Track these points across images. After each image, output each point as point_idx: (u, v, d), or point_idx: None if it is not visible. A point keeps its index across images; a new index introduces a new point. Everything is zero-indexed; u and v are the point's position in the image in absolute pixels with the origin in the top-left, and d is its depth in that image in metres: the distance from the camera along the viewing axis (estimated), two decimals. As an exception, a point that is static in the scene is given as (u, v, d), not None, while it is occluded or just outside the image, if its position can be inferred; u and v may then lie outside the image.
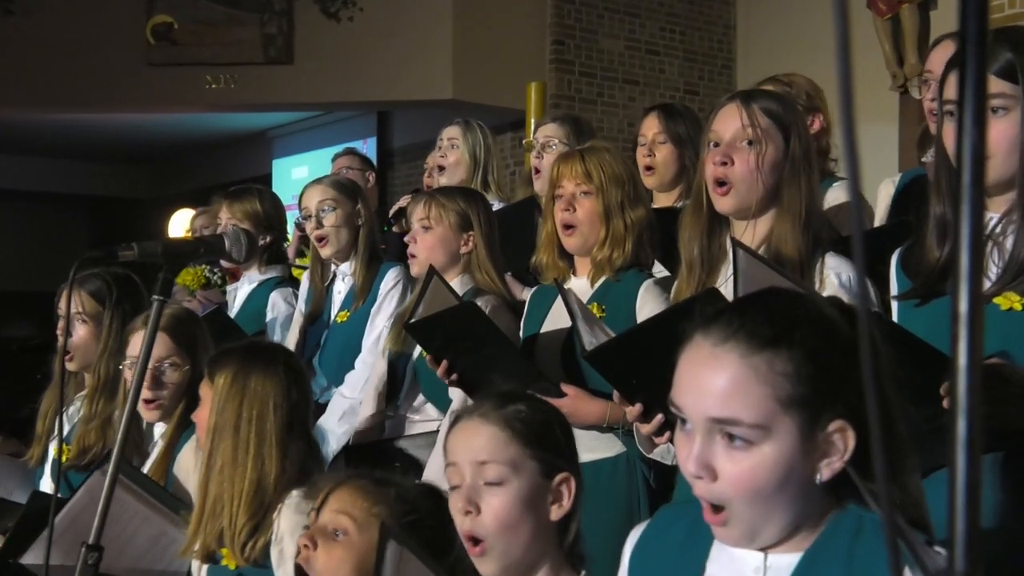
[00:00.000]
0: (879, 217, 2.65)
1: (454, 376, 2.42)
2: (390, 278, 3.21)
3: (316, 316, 3.32)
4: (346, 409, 3.06)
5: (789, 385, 1.09)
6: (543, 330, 2.50)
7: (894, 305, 1.76)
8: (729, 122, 2.00)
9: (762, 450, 1.09)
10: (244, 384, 2.09)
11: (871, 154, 4.99)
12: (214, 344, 2.51)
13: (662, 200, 3.09)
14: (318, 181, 3.36)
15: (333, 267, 3.32)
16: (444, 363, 2.41)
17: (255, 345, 2.24)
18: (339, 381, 3.16)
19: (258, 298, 3.61)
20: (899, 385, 1.05)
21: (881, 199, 2.67)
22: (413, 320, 2.45)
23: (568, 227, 2.44)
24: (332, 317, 3.28)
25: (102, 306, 2.88)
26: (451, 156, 3.75)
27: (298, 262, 4.02)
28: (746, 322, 1.12)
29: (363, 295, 3.21)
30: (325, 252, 3.26)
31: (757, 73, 5.36)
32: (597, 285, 2.44)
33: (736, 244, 1.80)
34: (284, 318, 3.53)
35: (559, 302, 2.50)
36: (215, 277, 4.16)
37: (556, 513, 1.53)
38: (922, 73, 2.66)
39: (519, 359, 2.36)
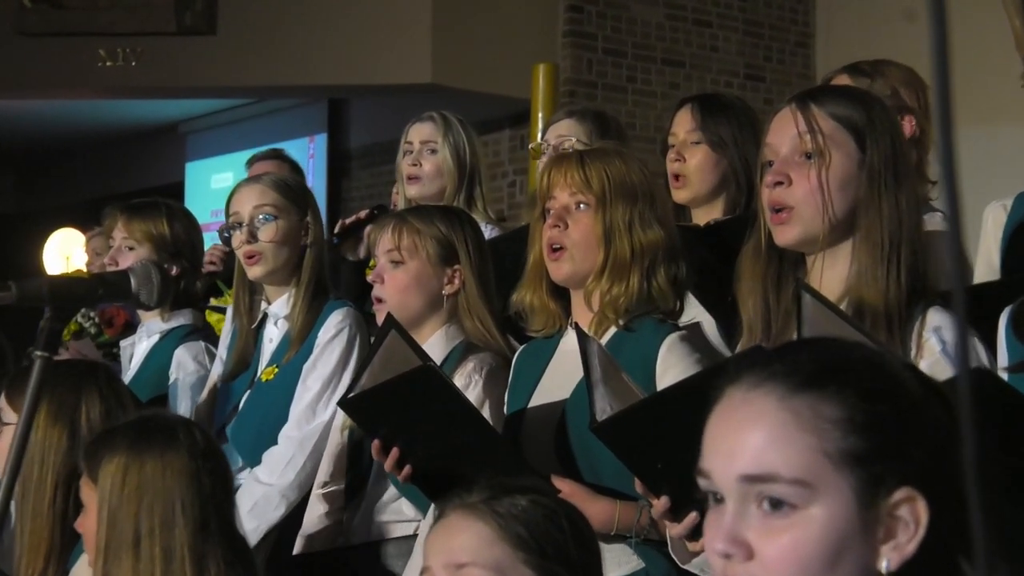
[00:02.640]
0: (983, 254, 2.65)
1: (407, 470, 2.42)
2: (332, 323, 3.21)
3: (239, 370, 3.34)
4: (259, 499, 3.08)
5: (839, 434, 1.13)
6: (532, 404, 2.50)
7: (1004, 379, 1.80)
8: (784, 131, 2.04)
9: (807, 515, 1.13)
10: (138, 481, 2.10)
11: (994, 163, 5.02)
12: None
13: (699, 217, 3.11)
14: (256, 179, 3.38)
15: (264, 304, 3.34)
16: (394, 452, 2.41)
17: (147, 422, 2.24)
18: (255, 459, 3.19)
19: (161, 355, 3.62)
20: (1002, 468, 1.12)
21: (988, 229, 2.66)
22: (351, 394, 2.45)
23: (556, 249, 2.46)
24: (256, 374, 3.30)
25: None
26: (427, 164, 3.78)
27: (214, 302, 4.02)
28: (786, 361, 1.18)
29: (299, 343, 3.22)
30: (254, 272, 3.27)
31: (843, 52, 5.36)
32: (603, 340, 2.42)
33: (801, 287, 1.84)
34: (194, 382, 3.55)
35: (557, 363, 2.51)
36: (88, 324, 4.14)
37: None
38: None
39: (494, 444, 2.36)
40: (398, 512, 2.86)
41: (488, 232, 3.59)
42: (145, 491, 2.10)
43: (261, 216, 3.25)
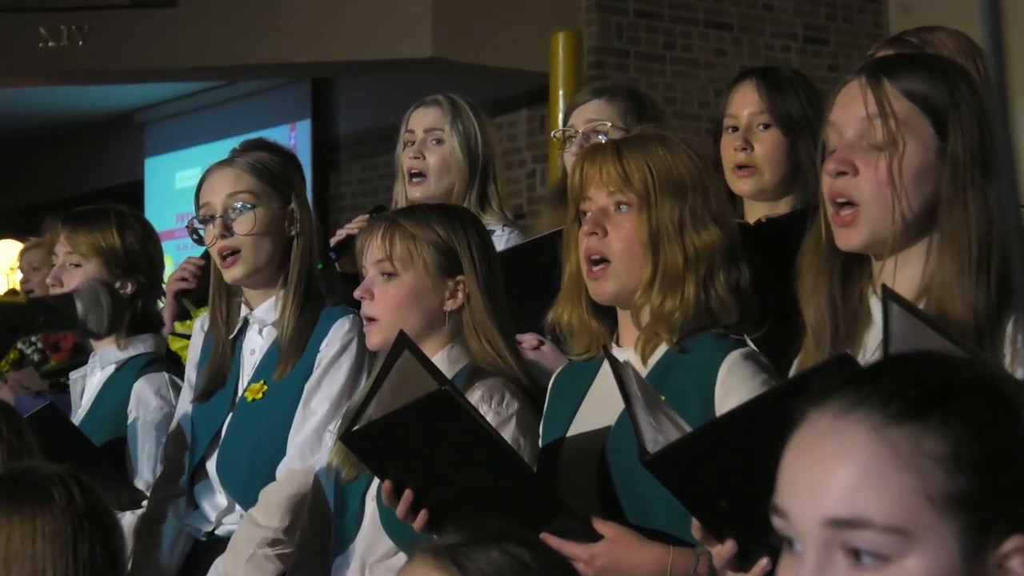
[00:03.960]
0: None
1: (422, 515, 2.43)
2: (338, 335, 3.22)
3: (215, 387, 3.34)
4: (259, 543, 3.09)
5: (943, 474, 1.13)
6: (571, 433, 2.52)
7: None
8: (851, 110, 2.04)
9: (903, 569, 1.13)
10: (5, 549, 2.12)
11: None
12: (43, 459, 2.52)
13: (760, 214, 3.13)
14: (228, 163, 3.37)
15: (244, 310, 3.34)
16: (407, 494, 2.42)
17: (17, 478, 2.24)
18: (248, 498, 3.18)
19: (118, 389, 3.62)
20: None
21: None
22: (356, 427, 2.46)
23: (596, 261, 2.48)
24: (239, 393, 3.30)
25: None
26: (432, 156, 3.78)
27: (179, 328, 4.01)
28: (882, 384, 1.17)
29: (293, 357, 3.22)
30: (232, 274, 3.27)
31: (921, 4, 5.33)
32: (652, 361, 2.45)
33: (889, 295, 1.85)
34: (158, 420, 3.55)
35: (599, 388, 2.51)
36: (30, 350, 4.19)
37: None
38: None
39: (526, 481, 2.38)
40: (396, 566, 2.82)
41: (506, 237, 3.62)
42: (12, 560, 2.11)
43: (236, 205, 3.25)
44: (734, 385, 2.37)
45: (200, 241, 3.34)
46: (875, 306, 2.07)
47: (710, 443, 1.96)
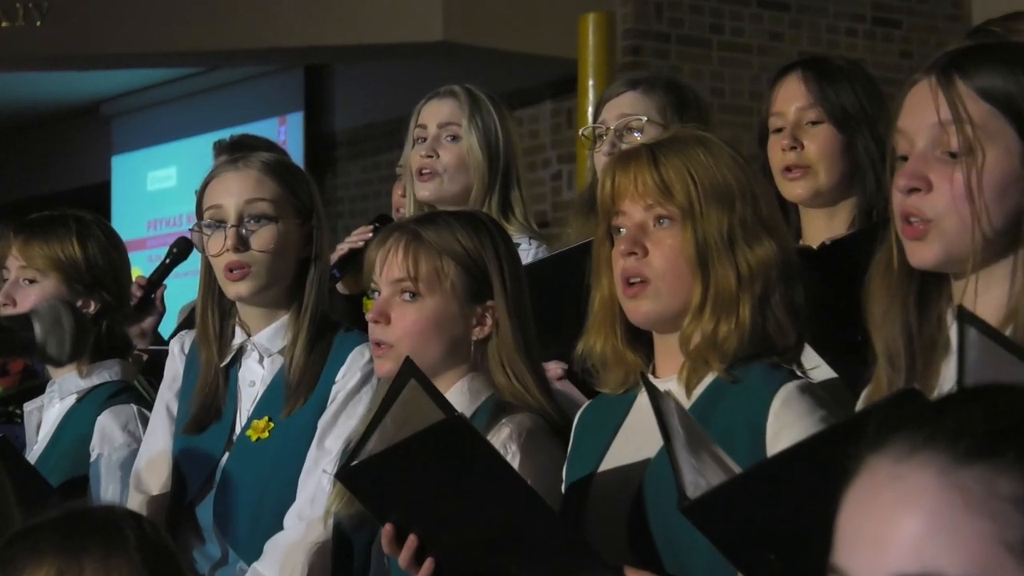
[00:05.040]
0: None
1: (428, 564, 2.43)
2: (357, 365, 3.24)
3: (206, 423, 3.35)
4: None
5: (1022, 518, 1.13)
6: (601, 470, 2.54)
7: None
8: (921, 116, 2.05)
9: None
10: None
11: None
12: None
13: (818, 224, 3.14)
14: (246, 161, 3.36)
15: (239, 335, 3.35)
16: (411, 540, 2.42)
17: (81, 516, 2.25)
18: (250, 551, 3.20)
19: (79, 423, 3.63)
20: None
21: None
22: (354, 461, 2.47)
23: (633, 282, 2.48)
24: (238, 430, 3.32)
25: None
26: (447, 154, 3.81)
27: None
28: (947, 422, 1.18)
29: (305, 391, 3.26)
30: (237, 290, 3.28)
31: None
32: (697, 391, 2.47)
33: (966, 318, 1.86)
34: (124, 458, 3.55)
35: (633, 424, 2.53)
36: None
37: None
38: None
39: (552, 527, 2.39)
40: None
41: (533, 251, 3.64)
42: None
43: (255, 215, 3.27)
44: (788, 421, 2.39)
45: (182, 249, 3.34)
46: (955, 332, 2.05)
47: (757, 489, 1.98)
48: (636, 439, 2.51)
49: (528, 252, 3.61)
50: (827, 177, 3.12)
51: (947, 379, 2.07)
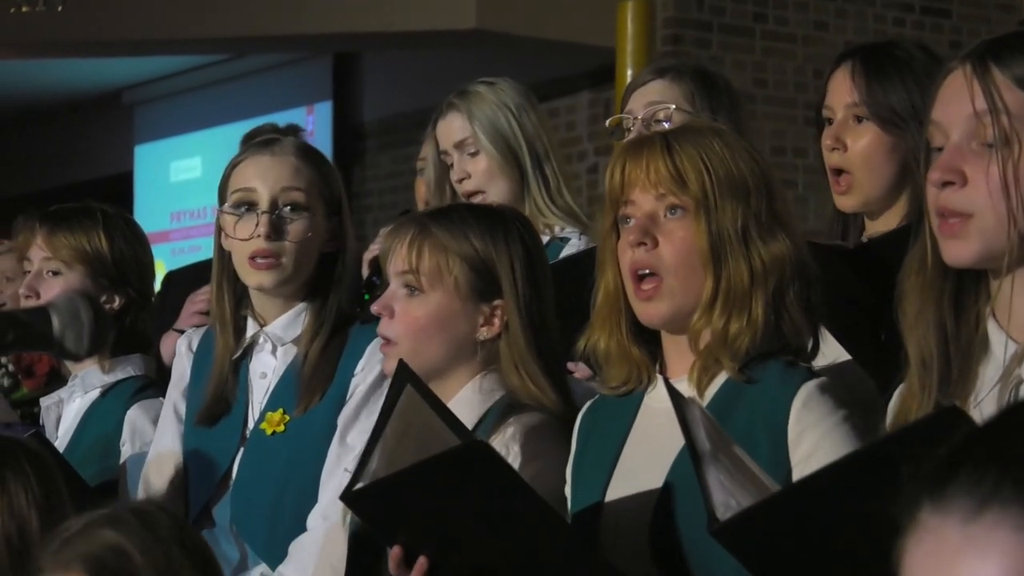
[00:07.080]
0: None
1: None
2: (377, 355, 3.19)
3: (219, 413, 3.36)
4: None
5: None
6: (613, 487, 2.53)
7: None
8: (955, 107, 2.05)
9: None
10: None
11: None
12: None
13: (877, 222, 3.12)
14: (282, 147, 3.33)
15: (252, 325, 3.35)
16: (421, 562, 2.41)
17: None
18: (274, 553, 3.20)
19: (103, 418, 3.66)
20: None
21: None
22: (359, 485, 2.45)
23: (643, 275, 2.47)
24: (251, 423, 3.33)
25: None
26: (474, 169, 3.79)
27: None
28: (1009, 465, 1.13)
29: (321, 385, 3.26)
30: (260, 279, 3.28)
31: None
32: (710, 392, 2.47)
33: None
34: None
35: (643, 428, 2.53)
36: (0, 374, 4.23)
37: None
38: None
39: (573, 547, 2.39)
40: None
41: (582, 244, 3.62)
42: None
43: (290, 203, 3.27)
44: (811, 422, 2.39)
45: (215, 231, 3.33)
46: (994, 333, 2.08)
47: (790, 510, 1.96)
48: (646, 448, 2.51)
49: (577, 247, 3.62)
50: (871, 186, 3.06)
51: (985, 382, 2.06)
